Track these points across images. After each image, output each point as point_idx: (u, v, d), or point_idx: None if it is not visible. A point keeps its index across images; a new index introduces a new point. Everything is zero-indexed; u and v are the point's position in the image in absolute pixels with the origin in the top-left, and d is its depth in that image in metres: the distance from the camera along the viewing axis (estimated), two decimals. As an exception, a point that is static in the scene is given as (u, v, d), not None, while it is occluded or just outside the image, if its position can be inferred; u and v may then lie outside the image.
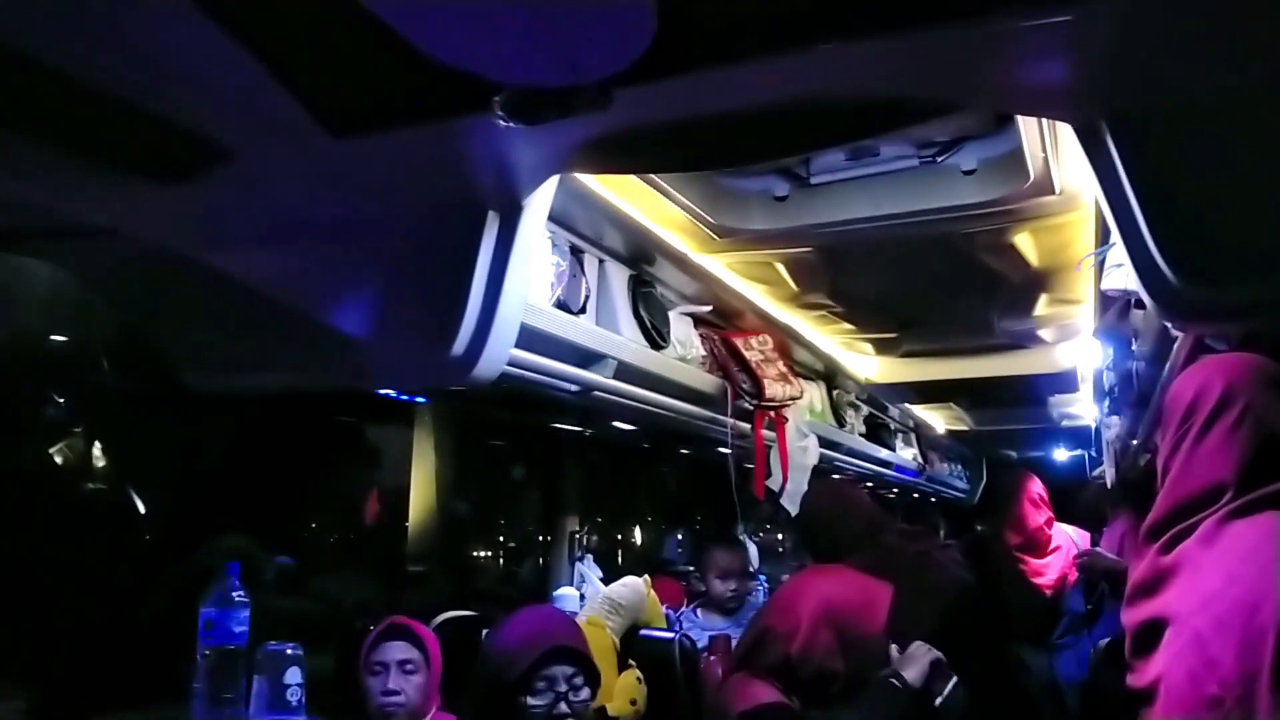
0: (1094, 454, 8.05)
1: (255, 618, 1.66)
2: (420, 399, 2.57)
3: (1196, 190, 1.24)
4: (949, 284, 2.96)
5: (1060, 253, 2.61)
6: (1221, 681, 1.16)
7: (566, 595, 2.79)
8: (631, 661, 2.53)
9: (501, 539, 4.25)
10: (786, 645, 1.99)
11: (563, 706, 1.87)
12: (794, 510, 3.17)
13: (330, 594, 3.31)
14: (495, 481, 4.06)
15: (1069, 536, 4.29)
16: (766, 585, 4.15)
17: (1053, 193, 2.16)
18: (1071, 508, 5.00)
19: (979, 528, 7.24)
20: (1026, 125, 1.87)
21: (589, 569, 3.67)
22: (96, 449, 2.56)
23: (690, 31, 0.99)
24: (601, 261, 2.41)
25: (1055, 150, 1.97)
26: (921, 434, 6.61)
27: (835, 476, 3.77)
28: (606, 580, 3.72)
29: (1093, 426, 6.69)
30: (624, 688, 2.45)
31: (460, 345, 1.64)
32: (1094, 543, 4.28)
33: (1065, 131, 1.91)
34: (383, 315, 1.64)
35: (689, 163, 1.69)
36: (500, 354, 1.72)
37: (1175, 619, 1.29)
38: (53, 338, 2.37)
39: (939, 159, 2.22)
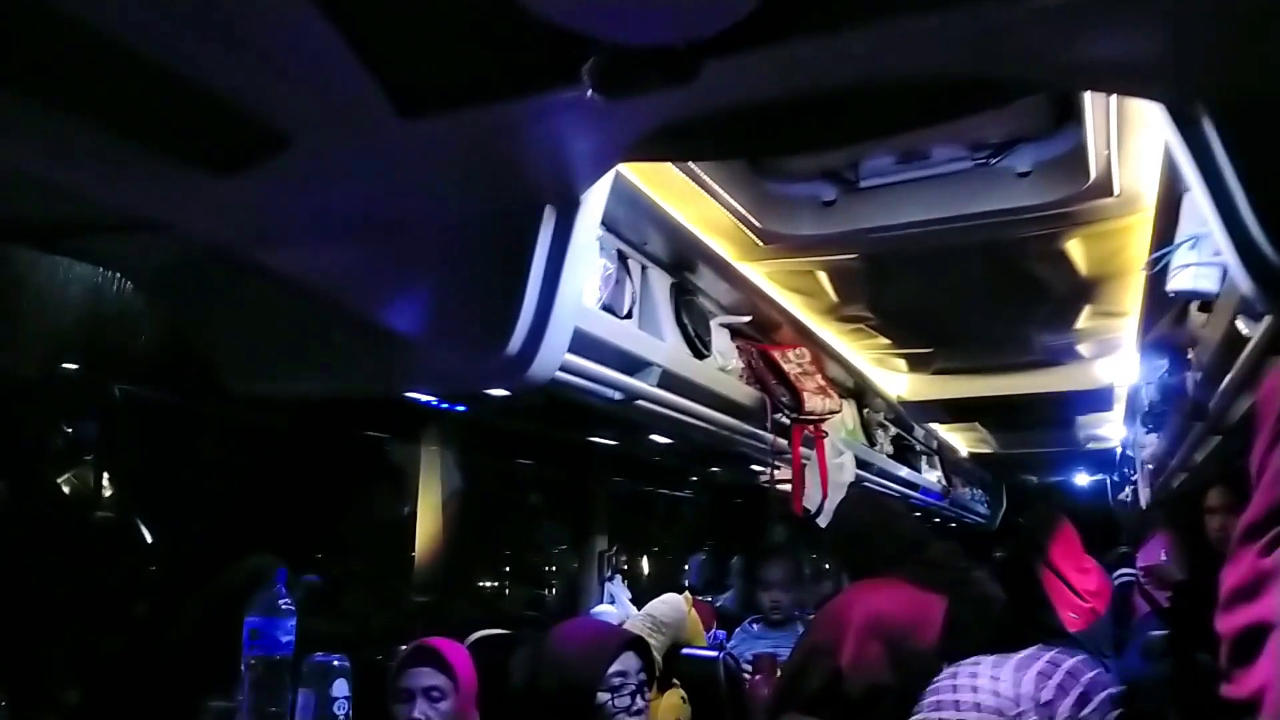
0: (1116, 478, 7.97)
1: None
2: (457, 407, 2.50)
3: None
4: (992, 294, 2.90)
5: (1111, 260, 2.55)
6: None
7: (605, 612, 2.72)
8: (675, 681, 2.45)
9: (532, 559, 4.17)
10: (835, 659, 1.92)
11: (639, 701, 1.80)
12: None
13: (359, 614, 3.24)
14: (522, 500, 3.99)
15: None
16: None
17: (1112, 194, 2.11)
18: (1112, 532, 4.92)
19: (998, 554, 7.13)
20: (1093, 121, 1.81)
21: (618, 589, 3.59)
22: (106, 476, 2.51)
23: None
24: (645, 268, 2.35)
25: (1120, 148, 1.91)
26: (945, 456, 6.52)
27: (869, 487, 3.68)
28: (636, 600, 3.65)
29: (1118, 450, 6.62)
30: (668, 708, 2.37)
31: (515, 345, 1.59)
32: (1130, 562, 4.18)
33: (1132, 128, 1.88)
34: (436, 315, 1.58)
35: (759, 147, 1.64)
36: (554, 355, 1.66)
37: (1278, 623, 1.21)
38: (65, 364, 2.31)
39: (992, 161, 2.17)
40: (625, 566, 3.80)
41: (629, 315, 2.21)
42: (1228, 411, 2.41)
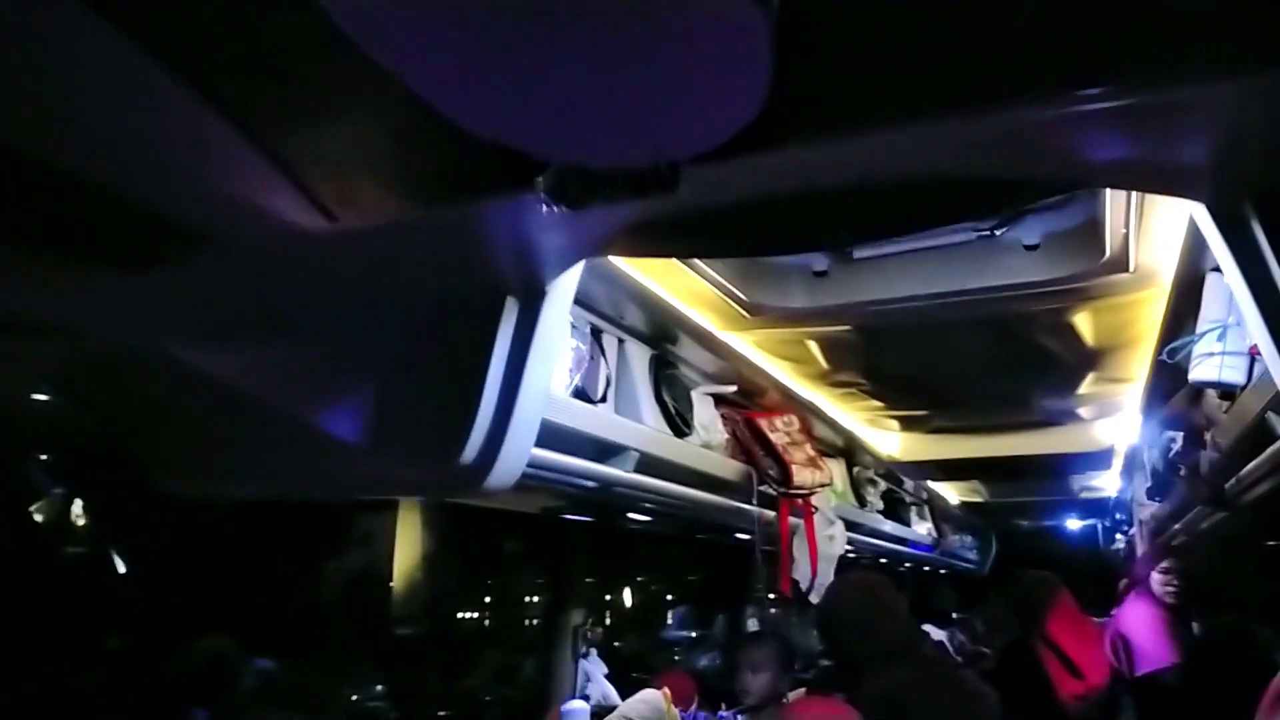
0: (1107, 523, 7.82)
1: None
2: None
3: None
4: (992, 363, 2.74)
5: (1121, 331, 2.39)
6: None
7: (577, 710, 2.52)
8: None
9: (501, 634, 3.97)
10: None
11: None
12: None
13: (318, 693, 3.03)
14: (493, 571, 3.79)
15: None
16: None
17: (1127, 270, 1.95)
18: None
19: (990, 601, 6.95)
20: (1112, 198, 1.66)
21: (594, 666, 3.39)
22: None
23: (786, 100, 0.77)
24: (621, 342, 2.18)
25: (1139, 225, 1.76)
26: (934, 506, 6.35)
27: (855, 570, 3.50)
28: (614, 668, 3.45)
29: (1112, 498, 6.47)
30: (645, 819, 2.18)
31: (471, 453, 1.41)
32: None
33: (1151, 204, 1.73)
34: (382, 420, 1.40)
35: (746, 248, 1.47)
36: (517, 460, 1.48)
37: None
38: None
39: (997, 232, 2.01)
40: (600, 640, 3.58)
41: (604, 398, 2.03)
42: (1243, 495, 2.26)
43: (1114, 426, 3.69)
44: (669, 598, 5.42)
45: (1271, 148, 0.99)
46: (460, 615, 3.70)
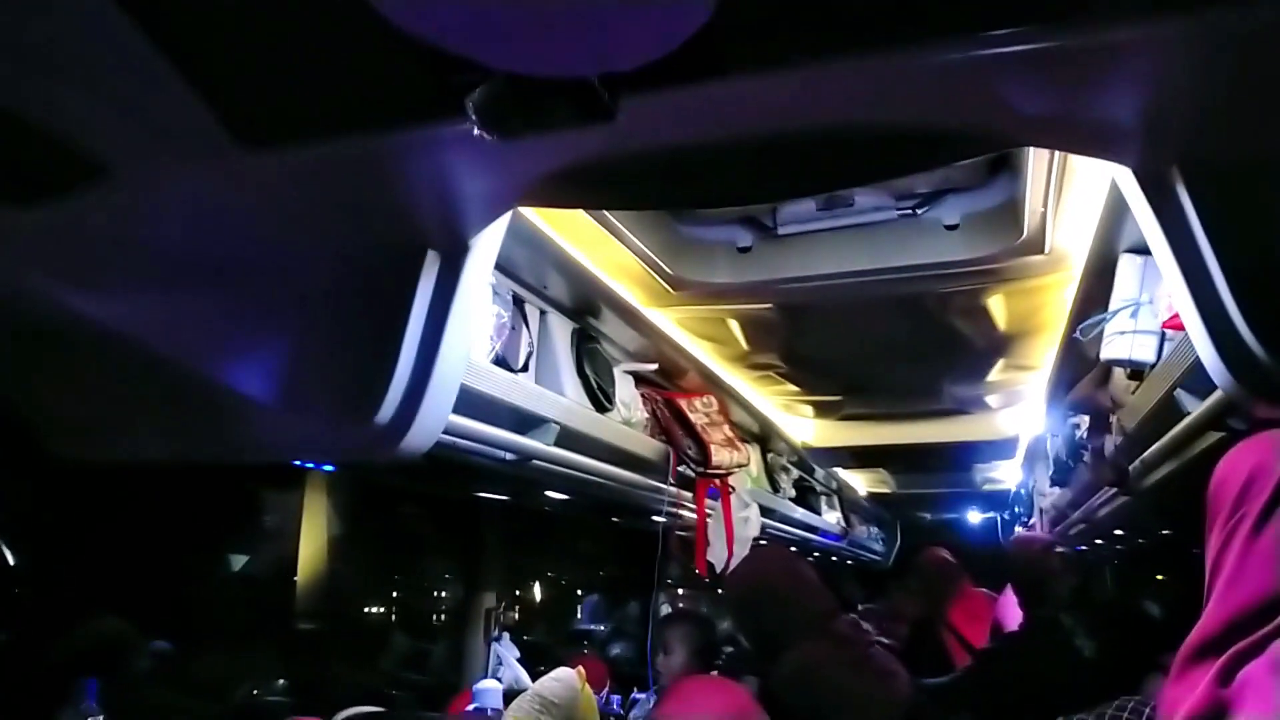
0: (1006, 516, 8.09)
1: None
2: (325, 466, 2.23)
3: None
4: (907, 346, 2.78)
5: (1031, 316, 2.45)
6: None
7: (488, 690, 2.46)
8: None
9: (413, 618, 3.86)
10: None
11: None
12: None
13: (216, 682, 2.89)
14: (403, 554, 3.68)
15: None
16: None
17: (1043, 252, 1.99)
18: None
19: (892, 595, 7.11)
20: (1033, 176, 1.68)
21: (506, 649, 3.34)
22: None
23: (729, 25, 0.74)
24: (544, 313, 2.14)
25: (1056, 206, 1.79)
26: (844, 496, 6.46)
27: (769, 545, 3.51)
28: (524, 660, 3.40)
29: (1012, 490, 6.69)
30: (557, 801, 2.14)
31: (387, 413, 1.34)
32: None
33: (1067, 186, 1.76)
34: (292, 377, 1.33)
35: (677, 198, 1.44)
36: (434, 423, 1.42)
37: None
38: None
39: (919, 212, 2.03)
40: (513, 623, 3.52)
41: (524, 368, 1.98)
42: (1146, 477, 2.33)
43: (1018, 416, 3.79)
44: (579, 591, 5.38)
45: (1200, 108, 1.00)
46: (369, 600, 3.59)
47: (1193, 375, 1.61)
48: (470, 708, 2.36)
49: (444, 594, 3.74)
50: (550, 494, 2.74)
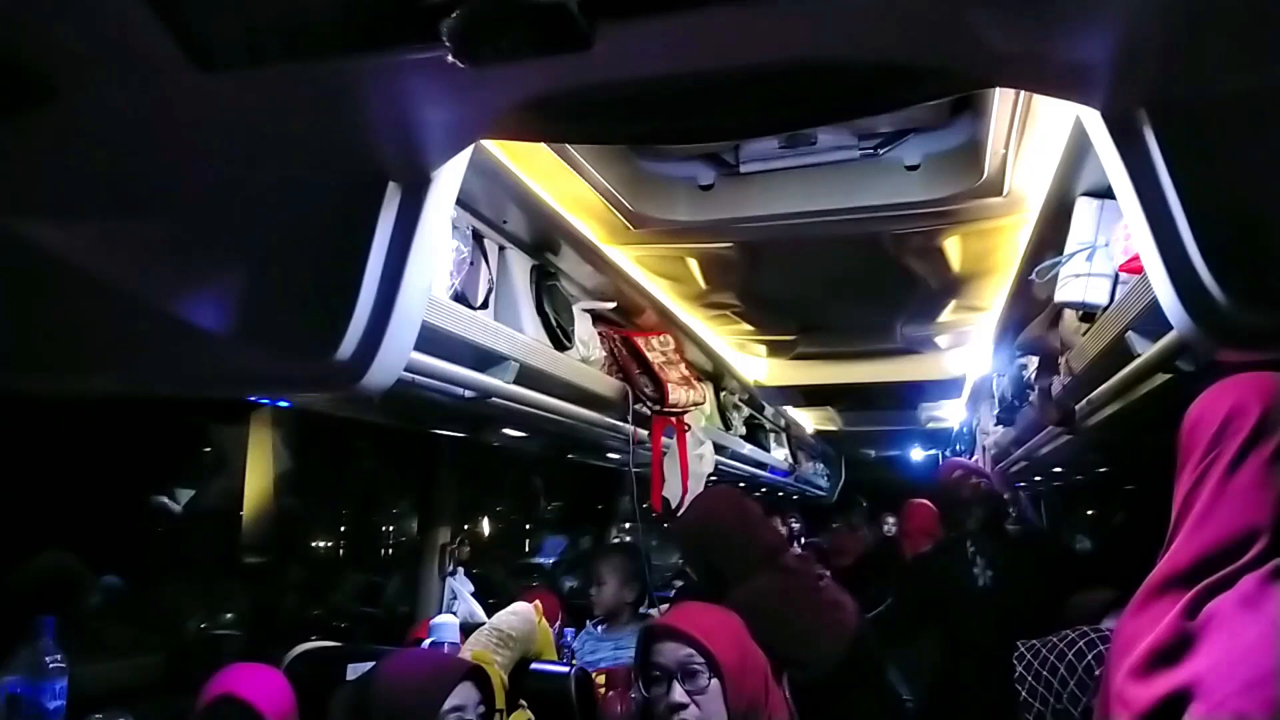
0: (948, 453, 8.29)
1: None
2: (280, 402, 2.19)
3: (1257, 197, 1.07)
4: (862, 286, 2.81)
5: (985, 258, 2.48)
6: None
7: (445, 624, 2.48)
8: (522, 701, 2.24)
9: (366, 552, 3.86)
10: None
11: None
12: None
13: (167, 617, 2.87)
14: (357, 488, 3.67)
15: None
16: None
17: (1001, 194, 2.01)
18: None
19: (835, 525, 7.29)
20: (996, 118, 1.69)
21: (461, 584, 3.35)
22: None
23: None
24: (502, 249, 2.11)
25: (1017, 148, 1.80)
26: (791, 433, 6.56)
27: (721, 484, 3.57)
28: (478, 594, 3.42)
29: (954, 429, 6.85)
30: (515, 731, 2.17)
31: (349, 348, 1.32)
32: None
33: (1028, 128, 1.77)
34: (249, 310, 1.29)
35: (647, 133, 1.41)
36: (396, 359, 1.40)
37: (1207, 694, 1.09)
38: None
39: (881, 151, 2.03)
40: (468, 559, 3.53)
41: (484, 304, 1.96)
42: (1092, 417, 2.39)
43: (966, 356, 3.86)
44: (532, 526, 5.42)
45: (1169, 48, 1.00)
46: (322, 534, 3.57)
47: (1145, 318, 1.65)
48: (427, 642, 2.37)
49: (398, 529, 3.74)
50: (507, 431, 2.74)
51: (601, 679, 2.41)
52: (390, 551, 3.81)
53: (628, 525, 5.36)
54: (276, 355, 1.33)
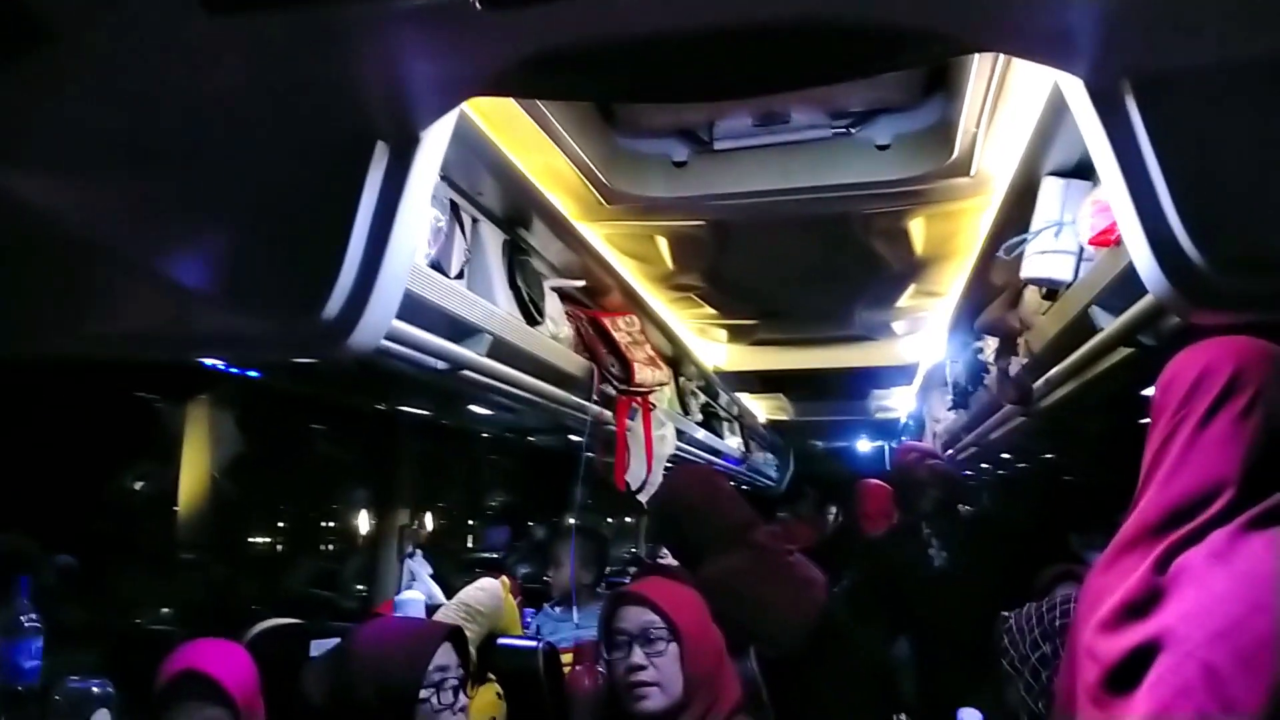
0: (894, 444, 8.44)
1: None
2: (248, 372, 2.16)
3: (1236, 166, 1.11)
4: (827, 269, 2.84)
5: (947, 242, 2.53)
6: None
7: (411, 600, 2.46)
8: (490, 675, 2.24)
9: (324, 530, 3.81)
10: None
11: (461, 698, 1.60)
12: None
13: (125, 599, 2.81)
14: (314, 470, 3.61)
15: None
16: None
17: (968, 174, 2.05)
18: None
19: (781, 514, 7.35)
20: (970, 96, 1.72)
21: (419, 565, 3.33)
22: None
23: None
24: (476, 221, 2.09)
25: (988, 127, 1.84)
26: (744, 423, 6.61)
27: (695, 464, 3.59)
28: (437, 577, 3.40)
29: (901, 420, 6.97)
30: (482, 705, 2.16)
31: (335, 307, 1.30)
32: None
33: (1005, 107, 1.81)
34: (235, 267, 1.27)
35: (636, 91, 1.41)
36: (382, 320, 1.39)
37: (1175, 645, 1.13)
38: None
39: (853, 130, 2.06)
40: (426, 541, 3.50)
41: (460, 275, 1.95)
42: (1049, 395, 2.45)
43: (920, 343, 3.92)
44: (491, 508, 5.39)
45: (1153, 18, 1.03)
46: (279, 517, 3.52)
47: (1109, 293, 1.70)
48: (392, 619, 2.35)
49: (356, 510, 3.69)
50: (472, 408, 2.73)
51: (569, 656, 2.41)
52: (350, 534, 3.76)
53: (582, 510, 5.36)
54: (262, 314, 1.31)
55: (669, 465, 3.51)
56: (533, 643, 2.36)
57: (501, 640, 2.37)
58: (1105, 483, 4.16)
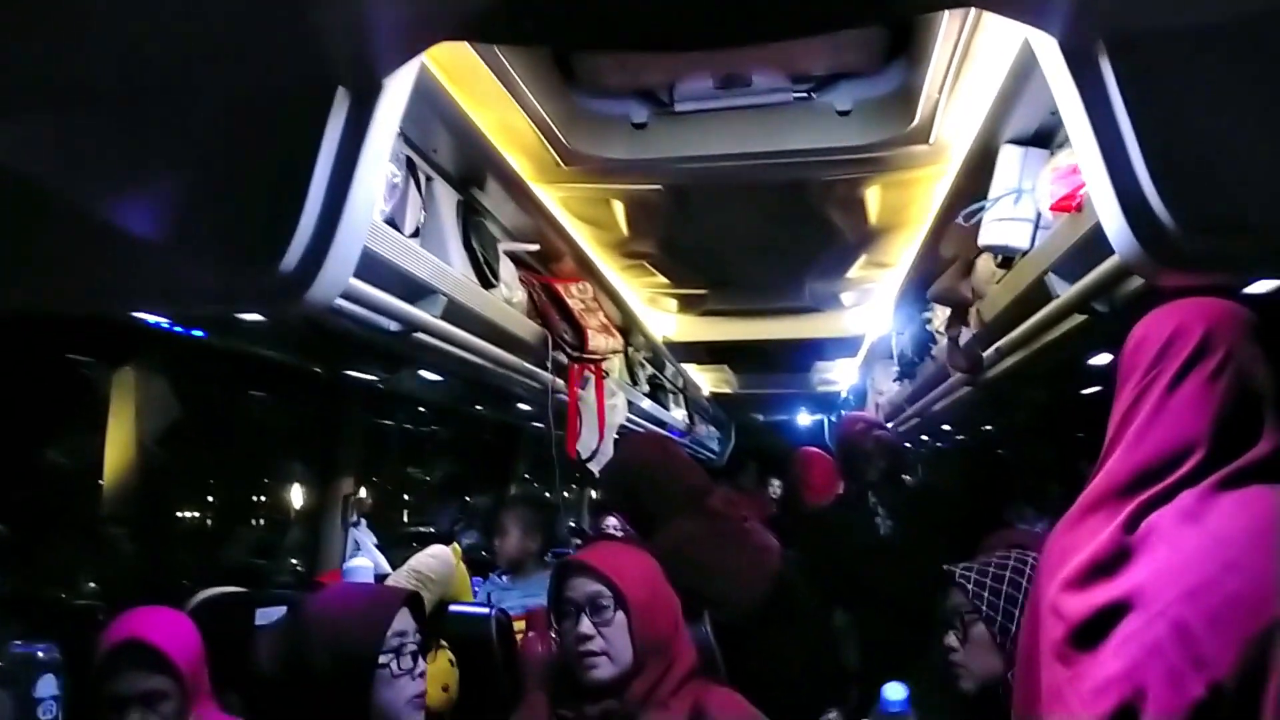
0: (834, 418, 8.54)
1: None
2: (193, 331, 2.08)
3: (1208, 128, 1.12)
4: (780, 238, 2.85)
5: (901, 211, 2.55)
6: (1212, 684, 1.04)
7: (360, 568, 2.41)
8: (442, 642, 2.21)
9: (264, 504, 3.72)
10: None
11: (420, 663, 1.56)
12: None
13: (62, 567, 2.71)
14: (255, 437, 3.52)
15: None
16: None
17: (926, 142, 2.06)
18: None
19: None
20: (936, 60, 1.72)
21: (363, 535, 3.27)
22: None
23: None
24: (430, 179, 2.04)
25: (950, 94, 1.85)
26: (688, 395, 6.63)
27: (649, 430, 3.58)
28: (382, 546, 3.35)
29: (841, 394, 7.05)
30: (435, 673, 2.12)
31: (293, 259, 1.25)
32: None
33: (967, 73, 1.81)
34: (191, 215, 1.21)
35: (609, 36, 1.37)
36: (340, 274, 1.34)
37: (1146, 604, 1.14)
38: None
39: (814, 95, 2.05)
40: (370, 510, 3.44)
41: (415, 234, 1.90)
42: (999, 363, 2.49)
43: (867, 314, 3.96)
44: (434, 478, 5.32)
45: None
46: (217, 486, 3.42)
47: (1067, 259, 1.73)
48: (340, 587, 2.30)
49: (298, 479, 3.61)
50: (418, 374, 2.68)
51: (520, 623, 2.39)
52: (289, 504, 3.68)
53: (523, 481, 5.33)
54: (215, 266, 1.25)
55: (616, 437, 3.51)
56: (485, 609, 2.33)
57: (453, 607, 2.34)
58: (1040, 454, 4.28)
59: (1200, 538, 1.12)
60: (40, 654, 1.21)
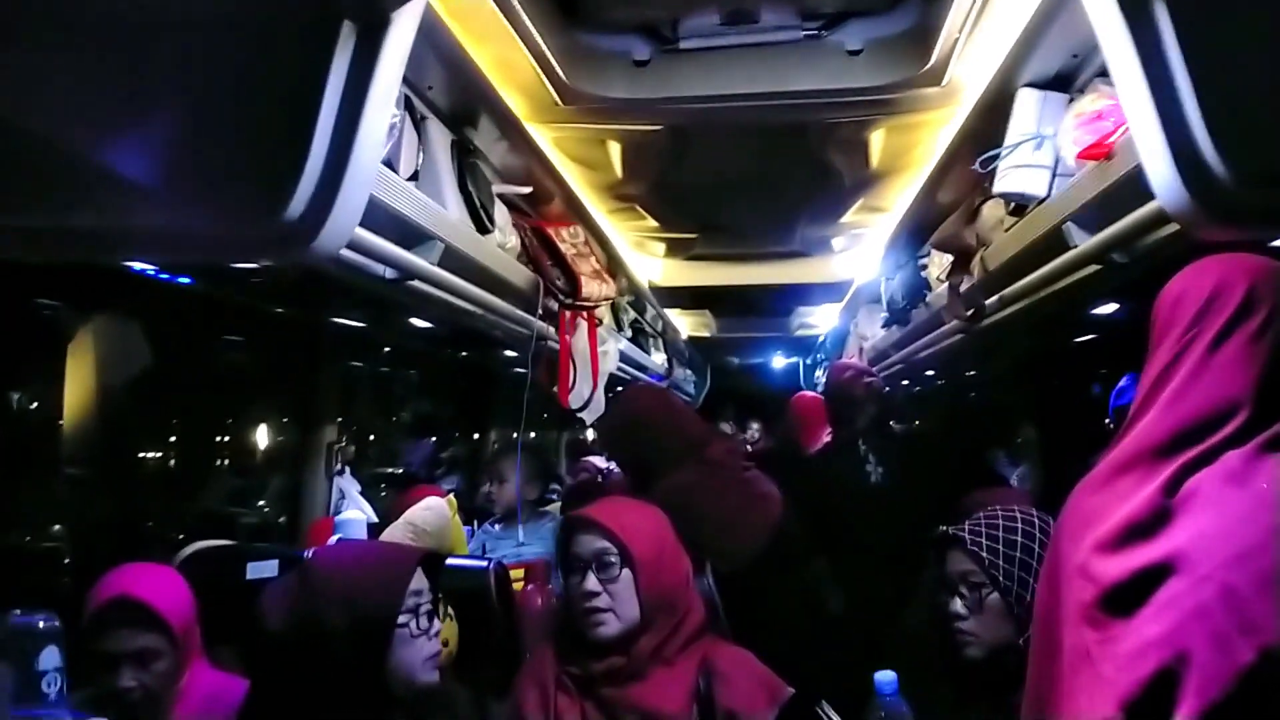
0: (809, 362, 8.55)
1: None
2: (179, 279, 1.99)
3: (1269, 74, 1.07)
4: (777, 181, 2.79)
5: (904, 154, 2.49)
6: (1262, 649, 1.02)
7: (353, 520, 2.36)
8: (439, 595, 2.17)
9: (246, 453, 3.64)
10: None
11: (436, 623, 1.53)
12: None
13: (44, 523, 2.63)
14: (237, 384, 3.43)
15: None
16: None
17: (939, 84, 2.00)
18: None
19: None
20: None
21: (348, 484, 3.22)
22: None
23: None
24: (423, 118, 1.95)
25: (970, 34, 1.78)
26: (667, 339, 6.58)
27: (647, 381, 3.53)
28: (366, 494, 3.30)
29: (820, 337, 7.04)
30: (433, 627, 2.10)
31: (299, 206, 1.18)
32: None
33: (990, 11, 1.74)
34: (192, 162, 1.13)
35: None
36: (348, 222, 1.27)
37: (1190, 567, 1.11)
38: None
39: (824, 34, 1.98)
40: (354, 458, 3.38)
41: (414, 177, 1.82)
42: (1001, 311, 2.46)
43: (857, 259, 3.91)
44: (421, 425, 5.26)
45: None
46: (199, 433, 3.34)
47: (1090, 209, 1.68)
48: (334, 539, 2.26)
49: (282, 427, 3.54)
50: (404, 320, 2.61)
51: (519, 573, 2.36)
52: (272, 452, 3.61)
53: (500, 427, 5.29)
54: (221, 214, 1.18)
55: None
56: (483, 562, 2.29)
57: (451, 560, 2.29)
58: (1026, 401, 4.29)
59: (1247, 500, 1.09)
60: (41, 624, 1.16)
